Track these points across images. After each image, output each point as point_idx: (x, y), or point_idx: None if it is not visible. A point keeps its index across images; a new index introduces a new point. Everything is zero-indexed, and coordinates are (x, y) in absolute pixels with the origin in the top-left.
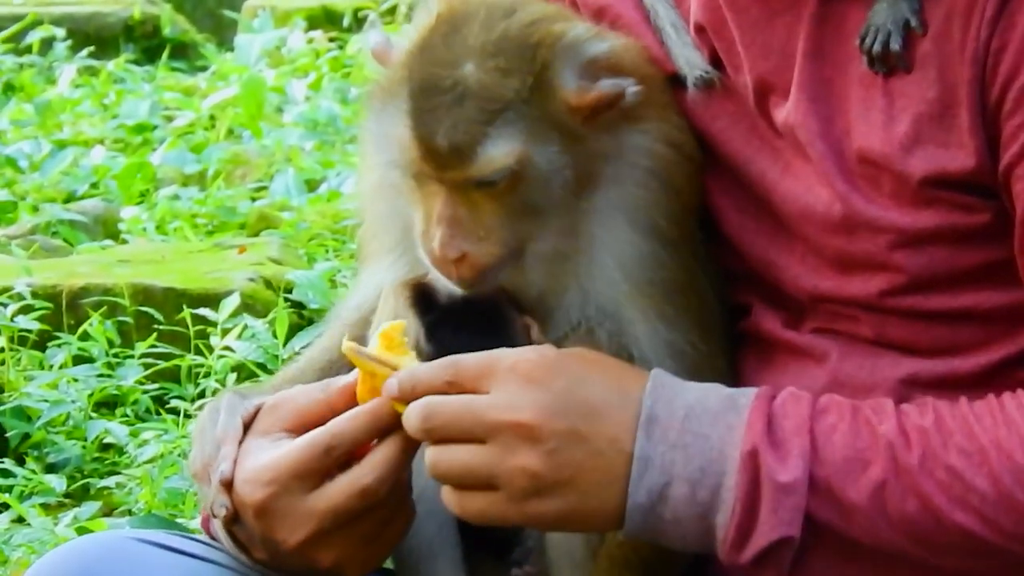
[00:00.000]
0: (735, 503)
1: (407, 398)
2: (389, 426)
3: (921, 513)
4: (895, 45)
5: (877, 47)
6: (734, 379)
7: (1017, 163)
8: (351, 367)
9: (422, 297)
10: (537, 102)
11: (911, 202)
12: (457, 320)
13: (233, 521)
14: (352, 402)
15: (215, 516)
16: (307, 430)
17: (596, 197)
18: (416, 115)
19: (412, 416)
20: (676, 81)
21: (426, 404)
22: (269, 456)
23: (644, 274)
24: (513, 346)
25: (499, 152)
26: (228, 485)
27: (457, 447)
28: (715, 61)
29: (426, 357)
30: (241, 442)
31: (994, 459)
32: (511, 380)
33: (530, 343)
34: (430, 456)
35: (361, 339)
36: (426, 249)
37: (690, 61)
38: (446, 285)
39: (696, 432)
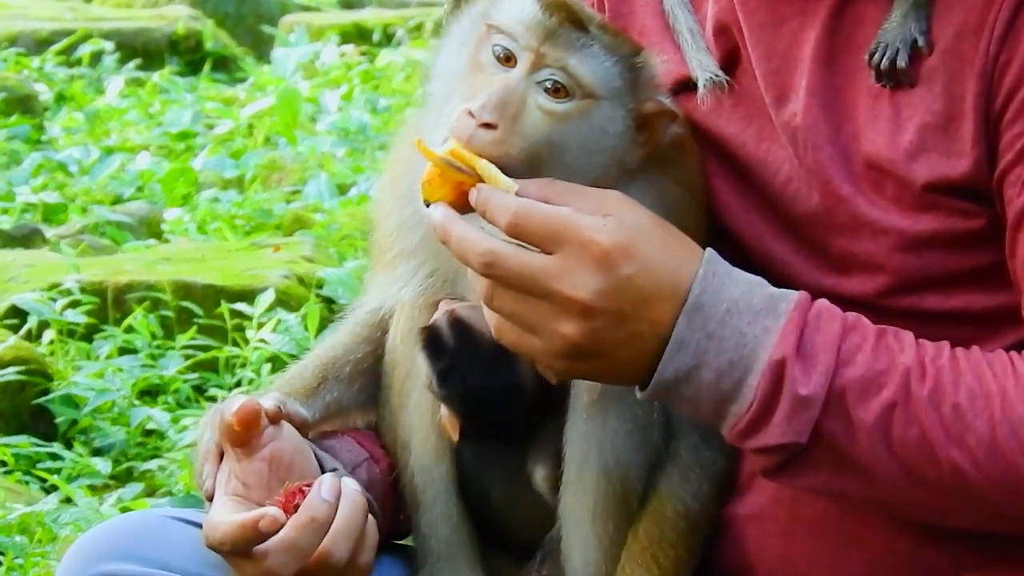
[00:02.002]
0: (753, 401)
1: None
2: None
3: (920, 442)
4: (902, 62)
5: (885, 63)
6: None
7: (1010, 169)
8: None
9: (433, 343)
10: (629, 78)
11: (912, 207)
12: (466, 362)
13: None
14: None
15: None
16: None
17: None
18: None
19: (473, 259)
20: (683, 88)
21: (489, 252)
22: (220, 518)
23: None
24: (519, 385)
25: (597, 68)
26: (210, 498)
27: (512, 293)
28: (734, 60)
29: (437, 399)
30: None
31: (997, 405)
32: (581, 257)
33: (535, 380)
34: (485, 286)
35: (381, 342)
36: (457, 109)
37: (702, 64)
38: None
39: (734, 327)
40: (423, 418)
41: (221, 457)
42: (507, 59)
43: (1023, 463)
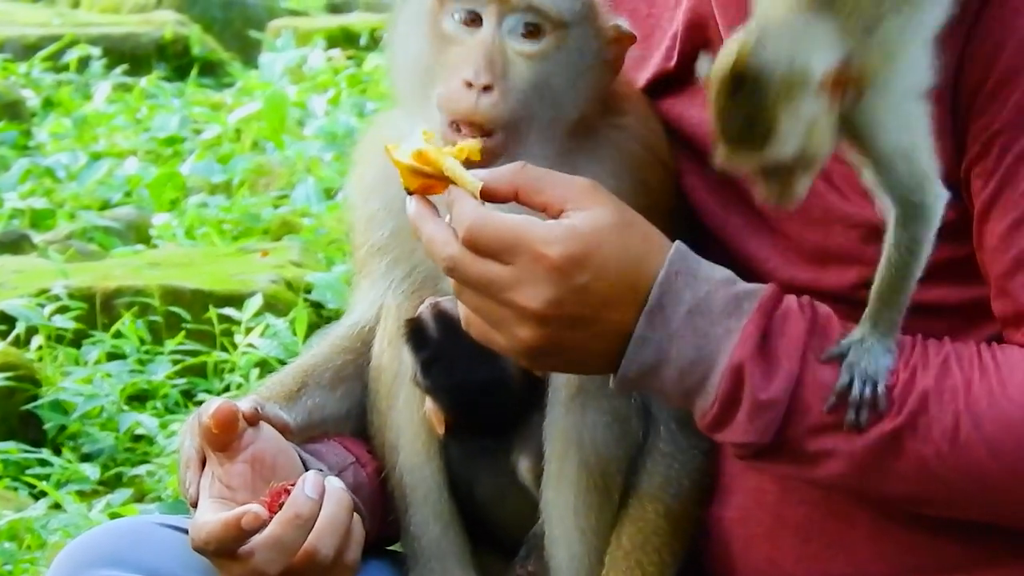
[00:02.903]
0: (715, 402)
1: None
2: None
3: (886, 438)
4: (880, 404)
5: (867, 395)
6: None
7: (977, 162)
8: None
9: (417, 334)
10: (589, 5)
11: None
12: (451, 356)
13: None
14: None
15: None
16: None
17: (581, 170)
18: None
19: (437, 261)
20: (664, 86)
21: (451, 258)
22: (204, 518)
23: None
24: (505, 380)
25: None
26: (195, 504)
27: (475, 293)
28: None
29: (422, 391)
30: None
31: (961, 399)
32: (534, 269)
33: (520, 374)
34: (453, 282)
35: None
36: (448, 88)
37: None
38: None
39: (697, 327)
40: (411, 419)
41: (203, 463)
42: (472, 21)
43: (985, 456)
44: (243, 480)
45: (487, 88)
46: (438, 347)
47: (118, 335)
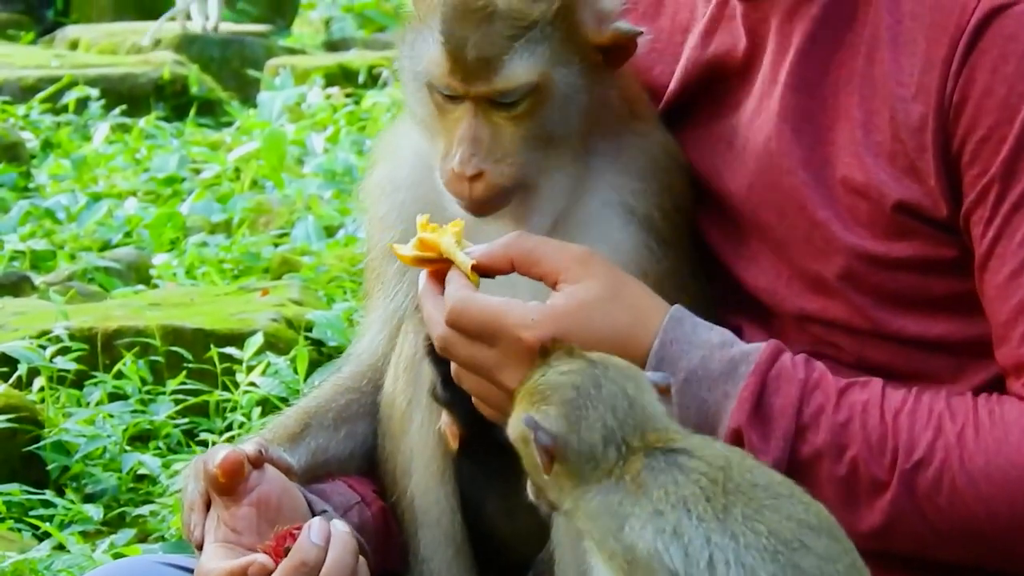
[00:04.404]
0: None
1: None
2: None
3: (886, 501)
4: None
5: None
6: None
7: (974, 210)
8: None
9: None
10: (561, 28)
11: (886, 232)
12: None
13: None
14: None
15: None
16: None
17: (594, 184)
18: (447, 32)
19: (432, 338)
20: (669, 122)
21: (441, 338)
22: (210, 565)
23: (638, 265)
24: None
25: (524, 67)
26: (200, 547)
27: (464, 370)
28: (717, 80)
29: (440, 405)
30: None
31: (955, 456)
32: (514, 352)
33: None
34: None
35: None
36: (443, 171)
37: None
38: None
39: (694, 394)
40: (425, 443)
41: (208, 506)
42: (454, 98)
43: (981, 511)
44: (248, 523)
45: (476, 176)
46: None
47: (119, 375)
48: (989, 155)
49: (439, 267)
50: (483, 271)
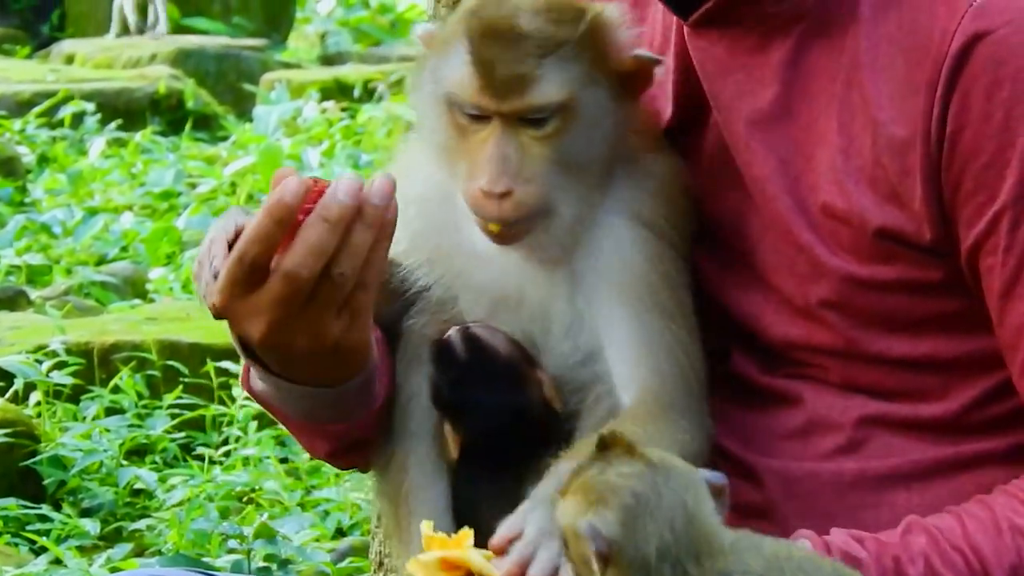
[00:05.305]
0: None
1: None
2: (286, 219)
3: None
4: None
5: None
6: (707, 402)
7: (985, 239)
8: None
9: (444, 354)
10: (588, 50)
11: (870, 256)
12: (475, 378)
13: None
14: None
15: (208, 307)
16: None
17: (612, 195)
18: (476, 52)
19: None
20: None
21: None
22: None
23: (642, 264)
24: (526, 409)
25: (555, 84)
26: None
27: None
28: (702, 108)
29: (440, 411)
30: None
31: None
32: None
33: (543, 398)
34: None
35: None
36: (469, 192)
37: None
38: (481, 235)
39: None
40: (423, 441)
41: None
42: (480, 119)
43: None
44: None
45: (505, 195)
46: (463, 369)
47: (116, 390)
48: (994, 181)
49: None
50: None
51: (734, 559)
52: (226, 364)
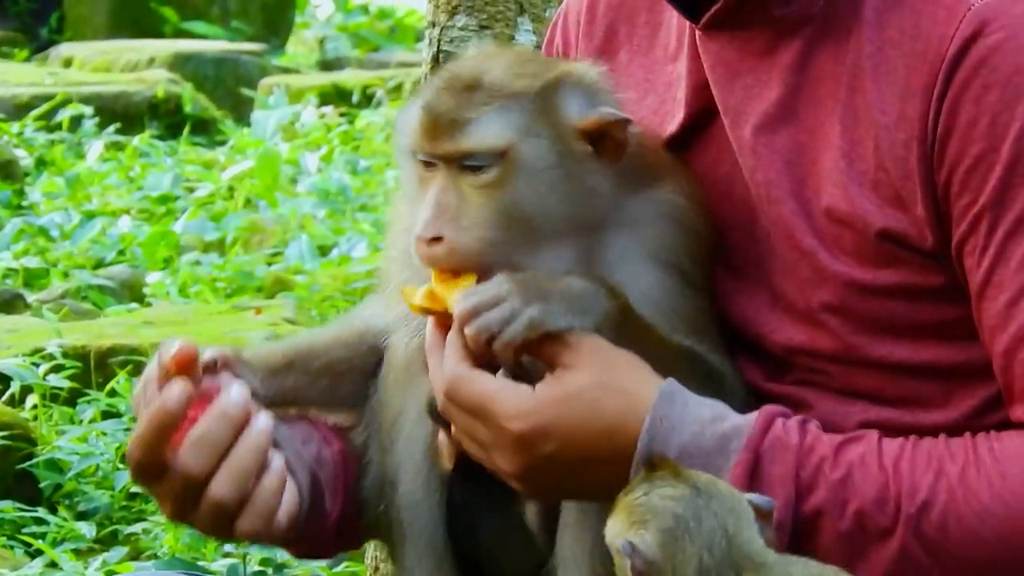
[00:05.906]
0: None
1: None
2: (169, 424)
3: (893, 549)
4: None
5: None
6: None
7: (966, 240)
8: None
9: None
10: (539, 104)
11: (872, 260)
12: None
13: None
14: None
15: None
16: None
17: (616, 239)
18: (428, 99)
19: (434, 388)
20: (676, 145)
21: (443, 401)
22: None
23: (668, 303)
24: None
25: (491, 131)
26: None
27: (464, 437)
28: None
29: (435, 421)
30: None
31: (960, 496)
32: (500, 438)
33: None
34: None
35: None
36: (413, 240)
37: None
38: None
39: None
40: (413, 454)
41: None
42: (430, 165)
43: (990, 547)
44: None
45: (435, 240)
46: None
47: (113, 393)
48: (978, 184)
49: (446, 320)
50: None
51: None
52: None
